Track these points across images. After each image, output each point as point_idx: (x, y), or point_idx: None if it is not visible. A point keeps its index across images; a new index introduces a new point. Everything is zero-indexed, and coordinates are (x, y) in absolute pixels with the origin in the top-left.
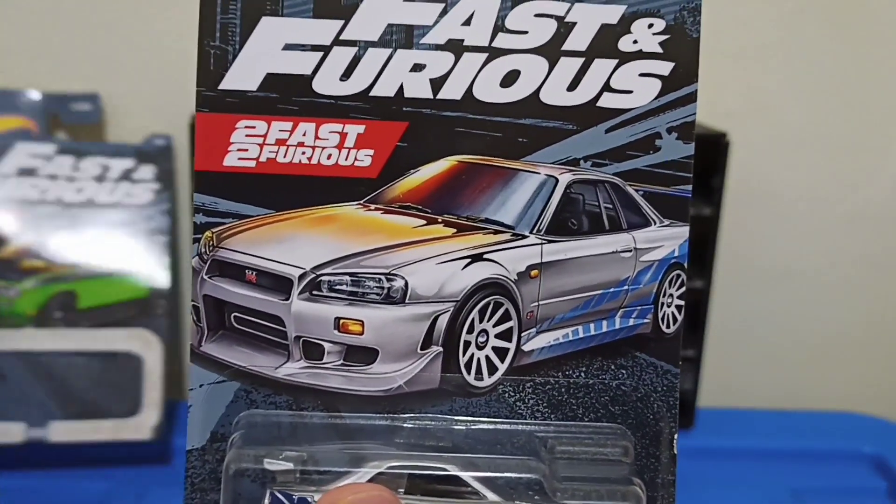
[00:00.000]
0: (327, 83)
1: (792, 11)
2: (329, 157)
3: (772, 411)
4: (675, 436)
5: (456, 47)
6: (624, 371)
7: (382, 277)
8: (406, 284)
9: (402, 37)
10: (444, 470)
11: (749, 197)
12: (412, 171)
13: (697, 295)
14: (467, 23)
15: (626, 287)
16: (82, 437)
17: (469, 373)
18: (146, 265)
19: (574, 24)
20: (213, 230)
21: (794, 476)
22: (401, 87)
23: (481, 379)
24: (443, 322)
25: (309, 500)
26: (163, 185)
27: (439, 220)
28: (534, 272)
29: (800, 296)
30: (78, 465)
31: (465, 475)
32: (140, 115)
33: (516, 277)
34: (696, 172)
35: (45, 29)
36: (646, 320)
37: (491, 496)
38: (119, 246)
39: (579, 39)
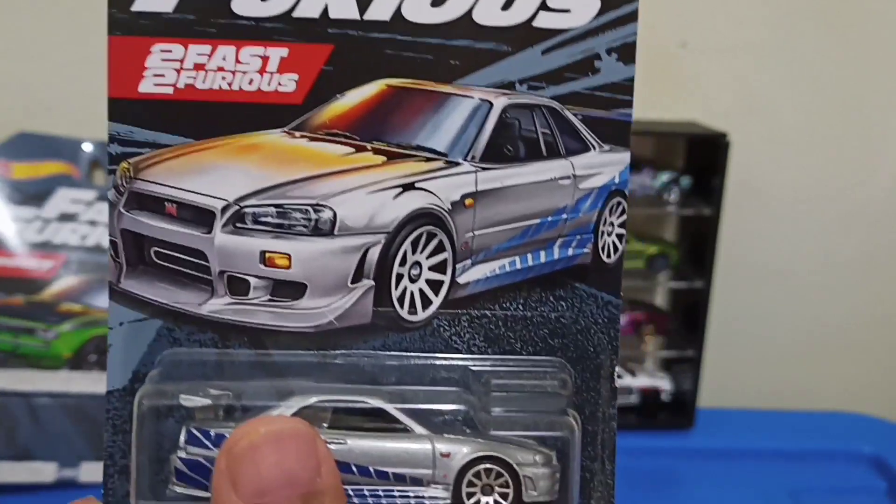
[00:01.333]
0: (248, 4)
1: (790, 11)
2: (251, 82)
3: (771, 411)
4: (616, 368)
5: None
6: (563, 303)
7: (310, 208)
8: (334, 215)
9: None
10: (368, 404)
11: (748, 197)
12: (339, 95)
13: (697, 295)
14: None
15: (564, 216)
16: None
17: (402, 307)
18: None
19: None
20: (130, 160)
21: (793, 476)
22: (325, 8)
23: (415, 313)
24: (374, 254)
25: (227, 435)
26: None
27: (368, 148)
28: (468, 201)
29: (799, 295)
30: None
31: (391, 408)
32: None
33: (450, 207)
34: (695, 172)
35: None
36: (585, 250)
37: (418, 429)
38: None
39: None
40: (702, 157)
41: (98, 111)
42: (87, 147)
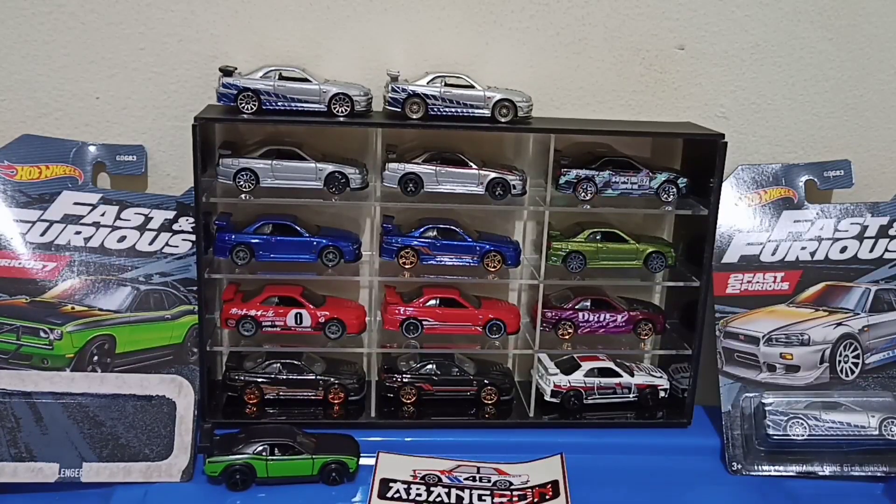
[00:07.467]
0: None
1: (787, 15)
2: None
3: None
4: None
5: None
6: None
7: None
8: None
9: None
10: None
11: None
12: None
13: (695, 294)
14: None
15: None
16: (114, 478)
17: None
18: (182, 313)
19: None
20: None
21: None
22: None
23: None
24: None
25: None
26: None
27: None
28: None
29: None
30: None
31: None
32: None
33: None
34: (693, 173)
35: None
36: None
37: None
38: (158, 293)
39: None
40: (700, 157)
41: (101, 114)
42: (91, 149)
